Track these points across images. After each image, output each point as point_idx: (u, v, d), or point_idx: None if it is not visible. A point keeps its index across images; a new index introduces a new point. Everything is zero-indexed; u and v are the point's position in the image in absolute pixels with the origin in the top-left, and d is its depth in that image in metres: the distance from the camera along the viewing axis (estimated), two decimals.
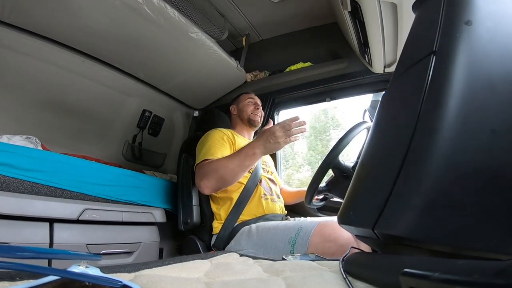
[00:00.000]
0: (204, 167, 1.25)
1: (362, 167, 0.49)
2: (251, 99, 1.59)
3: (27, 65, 1.36)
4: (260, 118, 1.58)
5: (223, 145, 1.33)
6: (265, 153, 1.20)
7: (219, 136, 1.37)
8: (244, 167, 1.20)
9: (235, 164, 1.19)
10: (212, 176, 1.21)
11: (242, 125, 1.57)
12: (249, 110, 1.56)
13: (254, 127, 1.59)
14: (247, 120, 1.55)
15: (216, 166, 1.21)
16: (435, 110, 0.36)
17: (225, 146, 1.34)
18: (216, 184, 1.22)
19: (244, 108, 1.58)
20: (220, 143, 1.33)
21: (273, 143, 1.16)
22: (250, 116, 1.55)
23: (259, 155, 1.19)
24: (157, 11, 1.24)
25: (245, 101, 1.59)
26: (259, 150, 1.18)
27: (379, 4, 1.03)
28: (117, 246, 1.19)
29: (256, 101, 1.59)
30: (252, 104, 1.58)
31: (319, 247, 1.02)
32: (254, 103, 1.58)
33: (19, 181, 0.97)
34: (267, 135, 1.17)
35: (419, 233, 0.33)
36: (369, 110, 1.35)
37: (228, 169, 1.19)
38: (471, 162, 0.33)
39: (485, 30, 0.37)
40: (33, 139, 1.33)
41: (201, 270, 0.56)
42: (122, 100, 1.80)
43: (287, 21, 1.82)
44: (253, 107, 1.57)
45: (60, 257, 0.32)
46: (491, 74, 0.35)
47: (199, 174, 1.26)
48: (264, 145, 1.17)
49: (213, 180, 1.21)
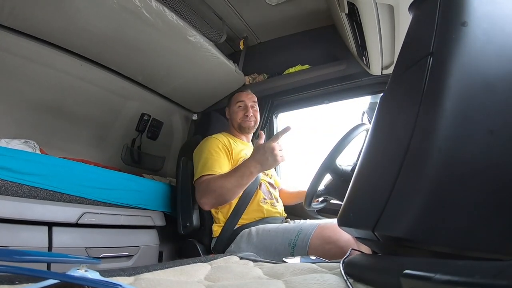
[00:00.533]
0: (202, 185, 1.24)
1: (361, 169, 0.49)
2: (241, 103, 1.53)
3: (25, 68, 1.36)
4: (254, 122, 1.52)
5: (219, 156, 1.32)
6: (262, 170, 1.19)
7: (215, 145, 1.36)
8: (241, 185, 1.19)
9: (233, 184, 1.18)
10: (211, 195, 1.21)
11: (235, 130, 1.55)
12: (238, 117, 1.51)
13: (247, 133, 1.55)
14: (238, 127, 1.53)
15: (213, 186, 1.20)
16: (433, 111, 0.36)
17: (221, 156, 1.33)
18: (216, 201, 1.23)
19: (233, 115, 1.53)
20: (216, 154, 1.32)
21: (271, 161, 1.14)
22: (241, 124, 1.51)
23: (255, 173, 1.18)
24: (156, 14, 1.24)
25: (235, 106, 1.53)
26: (256, 170, 1.16)
27: (375, 6, 1.04)
28: (116, 250, 1.19)
29: (246, 104, 1.52)
30: (241, 110, 1.51)
31: (319, 249, 1.02)
32: (244, 108, 1.51)
33: (18, 185, 0.96)
34: (262, 152, 1.14)
35: (419, 234, 0.33)
36: (368, 112, 1.36)
37: (225, 189, 1.19)
38: (470, 162, 0.33)
39: (481, 31, 0.37)
40: (32, 143, 1.32)
41: (201, 273, 0.56)
42: (121, 103, 1.80)
43: (285, 24, 1.82)
44: (242, 113, 1.51)
45: (59, 261, 0.32)
46: (488, 75, 0.35)
47: (198, 191, 1.26)
48: (261, 163, 1.15)
49: (212, 198, 1.22)
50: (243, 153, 1.41)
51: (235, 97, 1.56)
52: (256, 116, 1.54)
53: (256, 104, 1.57)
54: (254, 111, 1.54)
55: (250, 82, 1.91)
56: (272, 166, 1.17)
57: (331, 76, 1.73)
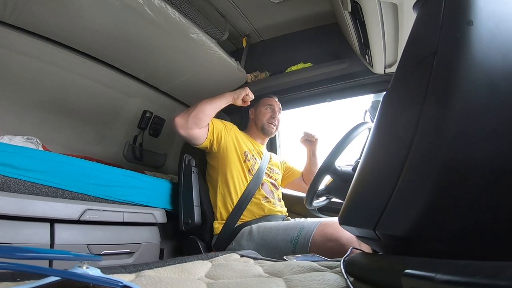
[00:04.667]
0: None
1: (363, 168, 0.49)
2: (270, 106, 1.58)
3: (28, 65, 1.36)
4: (275, 128, 1.57)
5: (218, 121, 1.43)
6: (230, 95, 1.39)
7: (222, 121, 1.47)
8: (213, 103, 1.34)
9: (206, 101, 1.33)
10: (185, 112, 1.31)
11: (256, 131, 1.57)
12: (265, 118, 1.55)
13: (266, 135, 1.58)
14: (261, 128, 1.55)
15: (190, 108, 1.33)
16: (437, 111, 0.36)
17: (219, 123, 1.43)
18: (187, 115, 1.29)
19: (260, 115, 1.58)
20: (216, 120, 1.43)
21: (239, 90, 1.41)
22: (265, 125, 1.54)
23: (226, 96, 1.38)
24: (158, 12, 1.24)
25: (263, 108, 1.58)
26: (226, 94, 1.39)
27: (379, 4, 1.03)
28: (117, 247, 1.19)
29: (274, 108, 1.58)
30: (269, 112, 1.57)
31: (321, 247, 1.02)
32: (272, 111, 1.57)
33: (20, 181, 0.97)
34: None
35: (420, 234, 0.33)
36: (370, 111, 1.35)
37: (199, 105, 1.31)
38: (473, 162, 0.33)
39: (487, 30, 0.37)
40: (34, 140, 1.33)
41: (202, 270, 0.56)
42: (123, 100, 1.80)
43: (287, 22, 1.82)
44: (270, 115, 1.56)
45: (61, 258, 0.32)
46: (493, 74, 0.35)
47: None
48: (232, 93, 1.40)
49: (186, 114, 1.30)
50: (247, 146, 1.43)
51: (264, 100, 1.62)
52: (278, 123, 1.60)
53: (280, 112, 1.63)
54: (278, 118, 1.60)
55: (252, 80, 1.91)
56: (239, 92, 1.41)
57: (334, 74, 1.72)
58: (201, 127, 1.31)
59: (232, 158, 1.39)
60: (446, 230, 0.32)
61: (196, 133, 1.30)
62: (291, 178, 1.68)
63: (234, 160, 1.39)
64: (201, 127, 1.31)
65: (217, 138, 1.37)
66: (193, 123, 1.28)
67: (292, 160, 1.78)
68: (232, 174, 1.38)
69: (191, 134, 1.30)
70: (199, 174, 1.46)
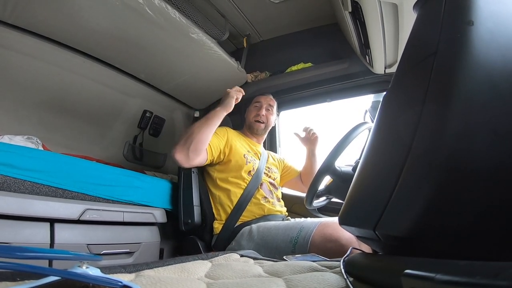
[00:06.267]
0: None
1: (363, 168, 0.49)
2: (257, 103, 1.56)
3: (28, 65, 1.36)
4: (263, 125, 1.54)
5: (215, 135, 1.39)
6: (223, 108, 1.35)
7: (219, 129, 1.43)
8: (208, 123, 1.30)
9: (201, 123, 1.30)
10: (181, 140, 1.27)
11: (246, 129, 1.57)
12: (251, 116, 1.54)
13: (256, 134, 1.56)
14: (248, 126, 1.55)
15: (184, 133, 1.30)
16: (437, 111, 0.36)
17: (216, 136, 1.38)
18: (185, 144, 1.26)
19: (248, 113, 1.57)
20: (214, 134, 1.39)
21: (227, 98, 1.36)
22: (251, 124, 1.54)
23: (219, 112, 1.33)
24: (158, 12, 1.24)
25: (252, 105, 1.57)
26: (218, 108, 1.34)
27: (379, 4, 1.03)
28: (117, 247, 1.19)
29: (262, 105, 1.56)
30: (256, 110, 1.55)
31: (321, 247, 1.02)
32: (259, 108, 1.55)
33: (20, 181, 0.97)
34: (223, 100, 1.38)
35: (420, 234, 0.33)
36: (370, 111, 1.35)
37: (195, 128, 1.28)
38: (473, 163, 0.33)
39: (487, 30, 0.37)
40: (34, 139, 1.33)
41: (202, 270, 0.56)
42: (123, 100, 1.80)
43: (288, 22, 1.82)
44: (255, 113, 1.54)
45: (61, 257, 0.32)
46: (493, 75, 0.35)
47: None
48: (221, 104, 1.36)
49: (183, 141, 1.26)
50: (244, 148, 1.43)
51: (255, 98, 1.61)
52: (268, 118, 1.56)
53: (272, 108, 1.59)
54: (268, 113, 1.56)
55: (252, 80, 1.91)
56: (229, 102, 1.36)
57: (334, 75, 1.72)
58: (202, 154, 1.31)
59: (232, 161, 1.39)
60: (446, 230, 0.32)
61: (198, 161, 1.30)
62: (289, 177, 1.67)
63: (234, 162, 1.39)
64: (201, 154, 1.31)
65: (218, 155, 1.37)
66: (194, 155, 1.27)
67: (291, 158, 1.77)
68: (232, 175, 1.38)
69: (194, 164, 1.31)
70: (199, 174, 1.46)
